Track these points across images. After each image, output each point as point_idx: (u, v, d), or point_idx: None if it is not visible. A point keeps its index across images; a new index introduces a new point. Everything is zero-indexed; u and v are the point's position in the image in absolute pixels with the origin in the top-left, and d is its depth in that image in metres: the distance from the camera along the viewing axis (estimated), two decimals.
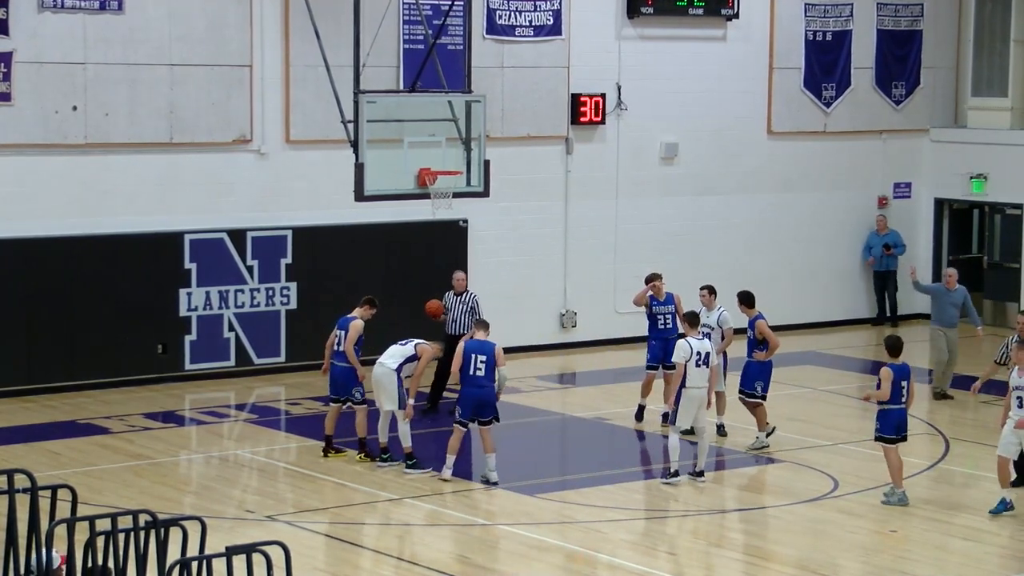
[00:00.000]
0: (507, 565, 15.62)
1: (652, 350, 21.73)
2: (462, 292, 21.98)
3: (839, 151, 30.39)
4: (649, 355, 21.78)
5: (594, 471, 19.61)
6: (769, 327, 20.36)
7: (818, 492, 18.44)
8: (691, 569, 15.73)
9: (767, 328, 20.31)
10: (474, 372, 18.44)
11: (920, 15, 30.89)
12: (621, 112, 27.82)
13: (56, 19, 23.08)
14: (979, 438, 21.19)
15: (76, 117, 23.32)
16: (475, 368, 18.42)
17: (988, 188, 30.36)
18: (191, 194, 24.30)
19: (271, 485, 18.83)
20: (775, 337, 20.41)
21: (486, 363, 18.44)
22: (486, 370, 18.43)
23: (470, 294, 22.03)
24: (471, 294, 22.06)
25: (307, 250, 25.06)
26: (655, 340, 21.69)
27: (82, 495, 14.08)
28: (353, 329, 19.55)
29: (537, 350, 27.26)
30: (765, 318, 20.47)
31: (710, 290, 21.15)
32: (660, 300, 21.67)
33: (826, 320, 30.33)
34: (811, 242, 30.19)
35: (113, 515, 12.00)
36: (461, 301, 21.87)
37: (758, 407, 20.43)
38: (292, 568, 11.86)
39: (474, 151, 21.13)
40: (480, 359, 18.45)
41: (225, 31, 24.27)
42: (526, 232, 27.18)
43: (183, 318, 24.20)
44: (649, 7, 27.73)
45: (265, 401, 23.54)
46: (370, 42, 21.58)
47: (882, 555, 16.14)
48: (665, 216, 28.50)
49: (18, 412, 22.19)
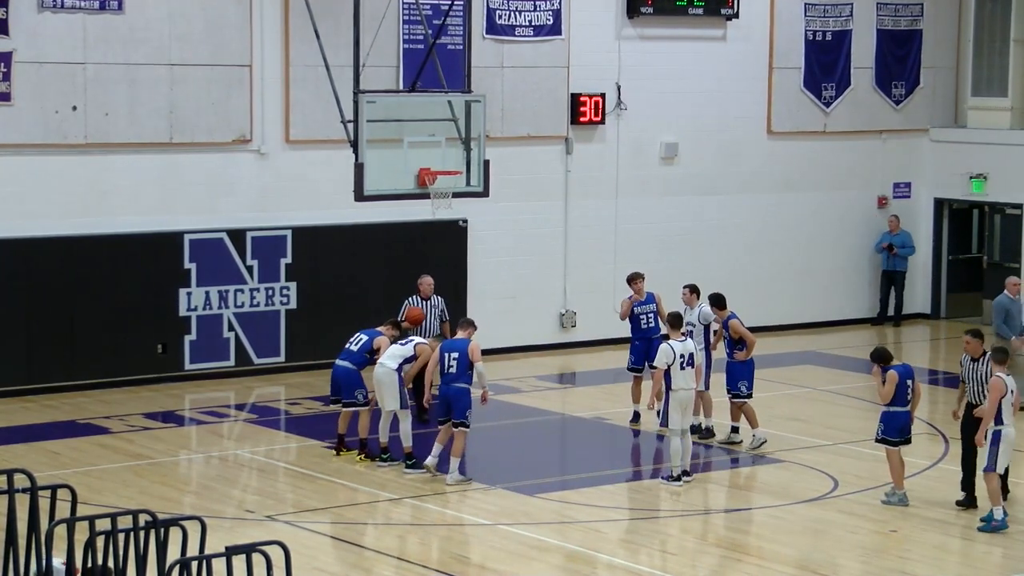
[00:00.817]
0: (507, 565, 15.61)
1: (635, 351, 21.79)
2: (429, 297, 21.76)
3: (839, 151, 30.39)
4: (633, 357, 21.86)
5: (594, 471, 19.61)
6: (744, 326, 20.43)
7: (818, 492, 18.44)
8: (691, 569, 15.72)
9: (742, 327, 20.39)
10: (447, 370, 18.59)
11: (920, 15, 30.89)
12: (621, 112, 27.82)
13: (56, 19, 23.08)
14: None
15: (76, 117, 23.32)
16: (448, 366, 18.57)
17: (988, 188, 30.36)
18: (191, 194, 24.30)
19: (271, 485, 18.83)
20: (751, 335, 20.47)
21: (458, 360, 18.51)
22: (458, 368, 18.46)
23: (438, 299, 21.88)
24: (439, 299, 21.91)
25: (307, 250, 25.06)
26: (638, 341, 21.75)
27: (82, 495, 14.09)
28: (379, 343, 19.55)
29: (537, 350, 27.26)
30: (738, 317, 20.54)
31: (692, 288, 21.18)
32: (641, 300, 21.71)
33: (826, 320, 30.33)
34: (811, 242, 30.19)
35: (113, 515, 12.00)
36: (430, 305, 21.66)
37: (744, 406, 20.45)
38: (292, 568, 11.86)
39: (474, 151, 21.12)
40: (453, 356, 18.55)
41: (225, 31, 24.26)
42: (526, 232, 27.17)
43: (183, 318, 24.20)
44: (649, 7, 27.73)
45: (265, 401, 23.54)
46: (370, 42, 21.58)
47: (882, 555, 16.14)
48: (665, 216, 28.50)
49: (18, 412, 22.19)
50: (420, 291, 21.77)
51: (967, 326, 24.47)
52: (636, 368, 21.81)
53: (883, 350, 17.93)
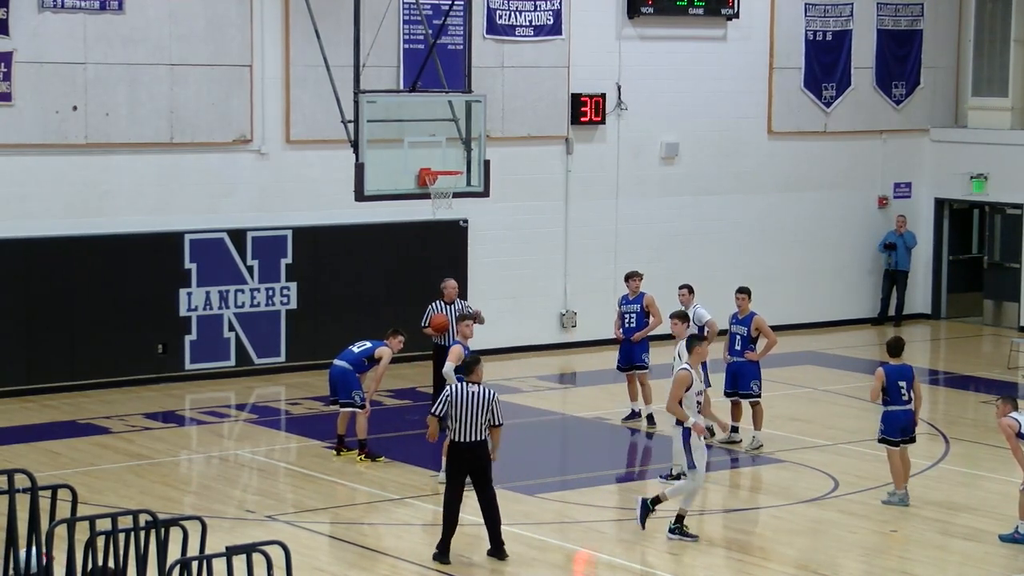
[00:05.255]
0: (507, 565, 15.61)
1: (621, 348, 21.84)
2: (453, 301, 21.27)
3: (839, 151, 30.39)
4: (619, 356, 21.93)
5: (594, 471, 19.61)
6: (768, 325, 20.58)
7: (818, 492, 18.44)
8: (691, 569, 15.72)
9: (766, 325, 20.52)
10: None
11: (920, 15, 30.89)
12: (621, 112, 27.82)
13: (56, 19, 23.08)
14: (979, 438, 21.20)
15: (76, 117, 23.32)
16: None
17: (988, 188, 30.36)
18: (191, 194, 24.31)
19: (271, 485, 18.83)
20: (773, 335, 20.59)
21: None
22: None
23: (461, 302, 21.50)
24: (462, 302, 21.56)
25: (307, 250, 25.06)
26: (622, 340, 21.75)
27: (82, 495, 14.09)
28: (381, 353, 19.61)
29: (537, 350, 27.27)
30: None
31: (690, 289, 21.21)
32: (631, 298, 21.70)
33: (826, 320, 30.33)
34: (811, 242, 30.19)
35: (113, 515, 12.00)
36: (453, 309, 21.05)
37: (756, 406, 20.46)
38: (292, 568, 11.86)
39: (474, 151, 21.11)
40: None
41: (225, 31, 24.27)
42: (526, 232, 27.17)
43: (183, 318, 24.20)
44: (649, 7, 27.73)
45: (265, 401, 23.54)
46: (370, 42, 21.58)
47: (882, 555, 16.14)
48: (665, 216, 28.50)
49: (18, 412, 22.19)
50: (444, 295, 21.26)
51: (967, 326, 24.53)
52: (621, 368, 21.88)
53: (897, 339, 17.94)
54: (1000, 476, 18.92)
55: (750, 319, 20.50)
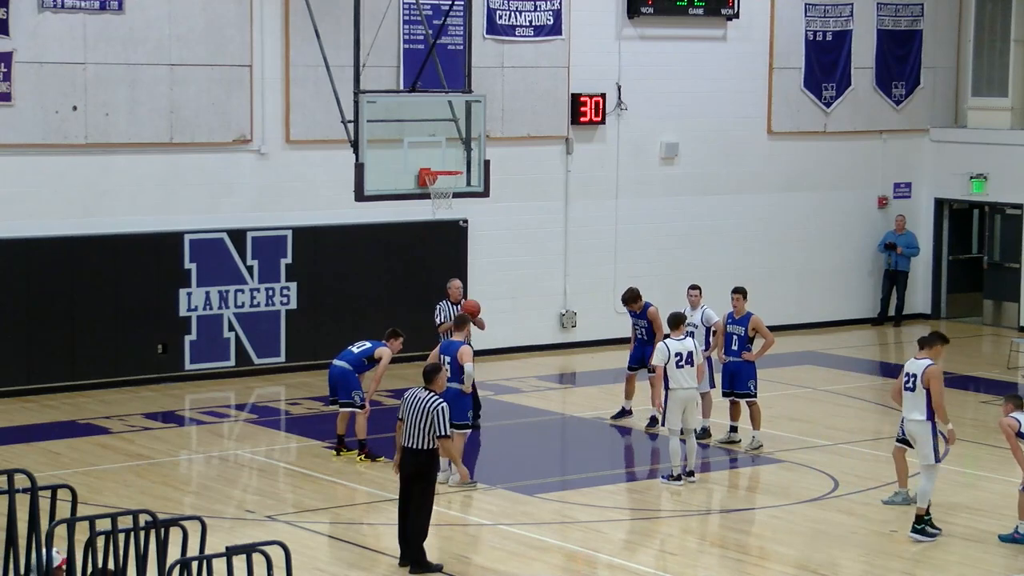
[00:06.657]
0: (507, 565, 15.61)
1: (633, 352, 21.83)
2: (459, 300, 21.35)
3: (839, 151, 30.39)
4: (631, 356, 21.89)
5: (594, 471, 19.61)
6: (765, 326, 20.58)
7: (818, 492, 18.44)
8: (691, 569, 15.72)
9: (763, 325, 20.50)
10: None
11: (920, 15, 30.89)
12: (621, 112, 27.82)
13: (56, 19, 23.08)
14: (979, 438, 21.20)
15: (76, 117, 23.32)
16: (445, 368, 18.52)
17: (988, 188, 30.36)
18: (191, 194, 24.30)
19: (271, 485, 18.83)
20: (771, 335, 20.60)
21: (451, 364, 18.45)
22: (451, 370, 18.37)
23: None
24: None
25: (307, 250, 25.06)
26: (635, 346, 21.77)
27: (82, 495, 14.10)
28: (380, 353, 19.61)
29: (537, 350, 27.26)
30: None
31: (699, 289, 21.22)
32: (637, 312, 21.70)
33: (826, 320, 30.33)
34: (811, 242, 30.19)
35: (113, 515, 12.00)
36: (458, 309, 21.01)
37: (754, 406, 20.46)
38: (292, 568, 11.87)
39: (474, 151, 21.11)
40: (446, 360, 18.51)
41: (225, 31, 24.27)
42: (526, 232, 27.17)
43: (183, 318, 24.20)
44: (649, 7, 27.73)
45: (265, 401, 23.54)
46: (370, 42, 21.58)
47: (882, 555, 16.13)
48: (665, 216, 28.49)
49: (18, 412, 22.19)
50: (449, 295, 21.37)
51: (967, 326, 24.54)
52: (631, 367, 21.88)
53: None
54: (1000, 476, 18.94)
55: (747, 319, 20.50)
